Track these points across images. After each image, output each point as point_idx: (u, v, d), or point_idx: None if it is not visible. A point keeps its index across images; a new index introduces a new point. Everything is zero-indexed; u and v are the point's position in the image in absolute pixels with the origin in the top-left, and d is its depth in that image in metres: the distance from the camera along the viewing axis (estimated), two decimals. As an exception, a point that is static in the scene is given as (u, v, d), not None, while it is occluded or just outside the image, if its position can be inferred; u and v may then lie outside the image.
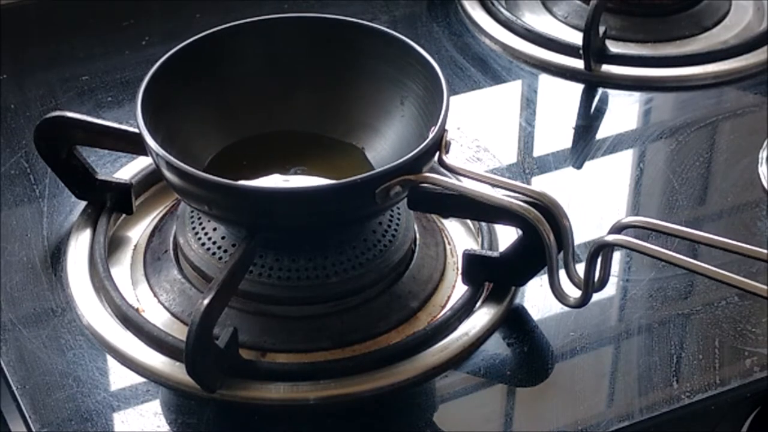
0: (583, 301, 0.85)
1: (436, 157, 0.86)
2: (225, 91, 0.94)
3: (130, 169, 0.98)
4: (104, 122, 0.93)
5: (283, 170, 0.92)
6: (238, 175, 0.89)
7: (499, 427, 0.85)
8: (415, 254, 0.91)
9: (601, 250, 0.83)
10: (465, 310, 0.88)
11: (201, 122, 0.93)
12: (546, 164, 1.04)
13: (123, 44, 1.13)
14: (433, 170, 0.86)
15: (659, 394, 0.85)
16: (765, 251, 0.81)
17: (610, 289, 0.91)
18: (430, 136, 0.85)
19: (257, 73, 0.95)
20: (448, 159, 0.86)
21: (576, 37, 1.14)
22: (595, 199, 1.00)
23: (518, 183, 0.87)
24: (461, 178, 0.88)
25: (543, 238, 0.83)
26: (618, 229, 0.83)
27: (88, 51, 1.14)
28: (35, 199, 0.98)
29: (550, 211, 0.83)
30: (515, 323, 0.89)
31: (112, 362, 0.85)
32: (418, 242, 0.92)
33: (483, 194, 0.84)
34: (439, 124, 0.85)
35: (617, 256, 0.92)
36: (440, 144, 0.86)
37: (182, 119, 0.91)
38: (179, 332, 0.85)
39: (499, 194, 0.85)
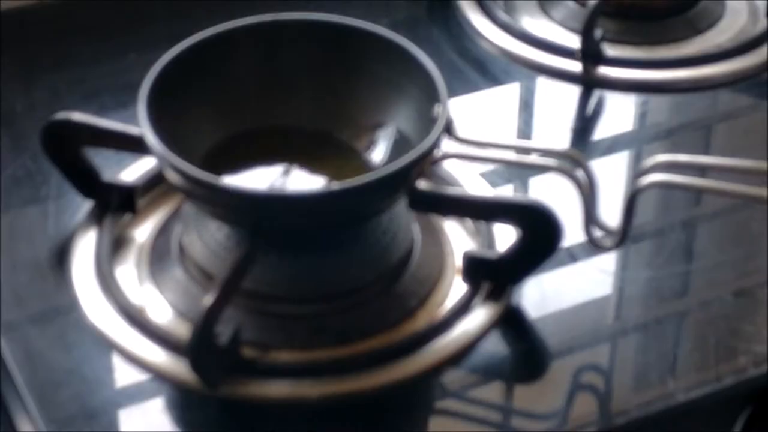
0: (618, 243, 0.87)
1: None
2: (226, 91, 0.94)
3: (135, 170, 0.98)
4: (110, 124, 0.93)
5: (283, 168, 0.93)
6: (240, 171, 0.91)
7: (498, 424, 0.85)
8: (415, 254, 0.91)
9: (641, 190, 0.85)
10: (464, 308, 0.88)
11: (203, 122, 0.93)
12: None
13: (129, 47, 1.13)
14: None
15: (655, 391, 0.85)
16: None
17: (607, 288, 0.93)
18: (440, 111, 0.85)
19: (258, 73, 0.95)
20: (460, 133, 0.87)
21: (573, 40, 1.14)
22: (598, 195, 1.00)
23: (539, 144, 0.87)
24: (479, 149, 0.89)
25: (580, 184, 0.85)
26: (642, 173, 0.86)
27: (94, 54, 1.14)
28: (41, 199, 0.98)
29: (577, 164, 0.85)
30: (513, 322, 0.89)
31: (117, 360, 0.86)
32: (417, 242, 0.92)
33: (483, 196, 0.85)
34: (442, 99, 0.86)
35: (614, 254, 0.93)
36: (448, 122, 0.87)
37: (184, 120, 0.91)
38: (184, 330, 0.85)
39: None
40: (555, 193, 0.90)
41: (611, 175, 1.03)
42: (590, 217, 0.87)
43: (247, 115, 0.95)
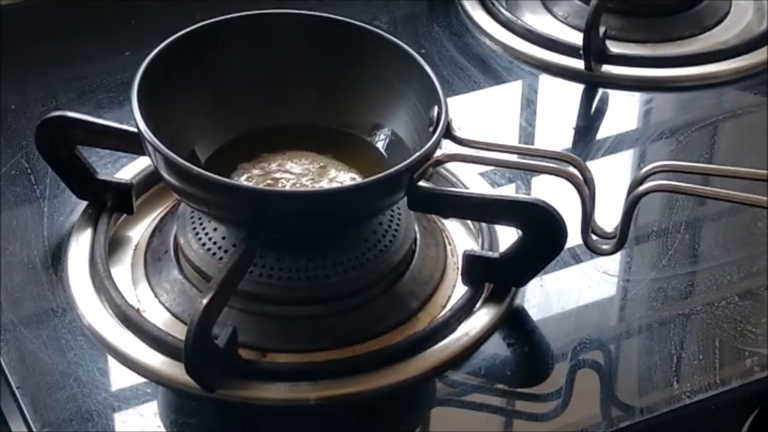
0: (617, 248, 0.87)
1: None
2: (221, 86, 0.93)
3: (130, 169, 0.98)
4: (105, 122, 0.93)
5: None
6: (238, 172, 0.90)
7: (499, 427, 0.85)
8: (416, 254, 0.91)
9: (641, 196, 0.86)
10: (465, 310, 0.88)
11: (198, 120, 0.92)
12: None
13: (124, 44, 1.13)
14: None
15: (659, 394, 0.85)
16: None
17: (610, 289, 0.92)
18: (441, 115, 0.85)
19: (254, 69, 0.94)
20: (460, 134, 0.87)
21: (576, 38, 1.14)
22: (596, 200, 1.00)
23: (539, 147, 0.87)
24: (480, 151, 0.89)
25: (580, 188, 0.85)
26: (642, 178, 0.87)
27: (89, 51, 1.14)
28: (36, 199, 0.98)
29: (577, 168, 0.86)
30: (515, 324, 0.89)
31: (112, 362, 0.85)
32: (418, 242, 0.92)
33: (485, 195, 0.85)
34: (440, 102, 0.86)
35: (618, 256, 0.92)
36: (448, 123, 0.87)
37: (178, 117, 0.90)
38: (180, 332, 0.84)
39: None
40: (557, 192, 0.89)
41: (615, 174, 1.03)
42: (588, 223, 0.87)
43: (244, 114, 0.94)
